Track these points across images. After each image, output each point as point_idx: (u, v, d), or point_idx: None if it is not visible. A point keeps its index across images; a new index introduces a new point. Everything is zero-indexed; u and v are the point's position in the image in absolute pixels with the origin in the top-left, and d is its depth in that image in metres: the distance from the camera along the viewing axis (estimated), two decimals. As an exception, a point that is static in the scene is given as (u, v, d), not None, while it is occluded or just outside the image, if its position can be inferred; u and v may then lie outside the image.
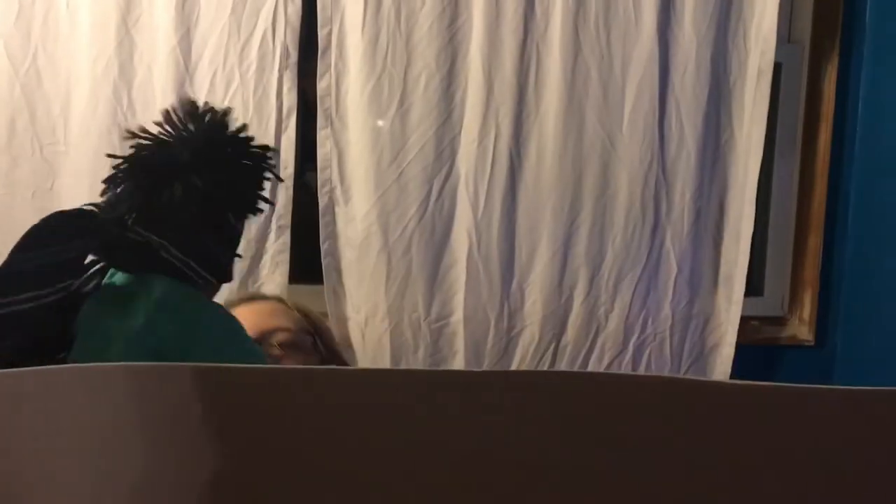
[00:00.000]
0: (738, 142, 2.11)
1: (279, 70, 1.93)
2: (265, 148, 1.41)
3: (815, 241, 2.28)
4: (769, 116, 2.10)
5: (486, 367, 2.07)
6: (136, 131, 1.37)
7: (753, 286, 2.26)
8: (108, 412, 0.47)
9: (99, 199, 1.91)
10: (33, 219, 1.90)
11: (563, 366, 2.09)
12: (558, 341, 2.09)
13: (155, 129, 1.37)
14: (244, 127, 1.40)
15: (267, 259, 1.98)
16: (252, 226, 1.95)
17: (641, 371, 2.10)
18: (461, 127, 2.00)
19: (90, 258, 1.34)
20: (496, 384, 0.50)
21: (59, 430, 0.47)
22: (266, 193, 1.93)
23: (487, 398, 0.47)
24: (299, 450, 0.46)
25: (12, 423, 0.48)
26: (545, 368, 2.06)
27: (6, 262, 1.25)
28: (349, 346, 2.05)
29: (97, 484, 0.47)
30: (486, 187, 2.01)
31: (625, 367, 2.12)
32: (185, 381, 0.48)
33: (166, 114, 1.37)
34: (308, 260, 2.06)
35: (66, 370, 0.48)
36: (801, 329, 2.31)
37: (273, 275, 1.98)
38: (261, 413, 0.47)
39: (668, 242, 2.10)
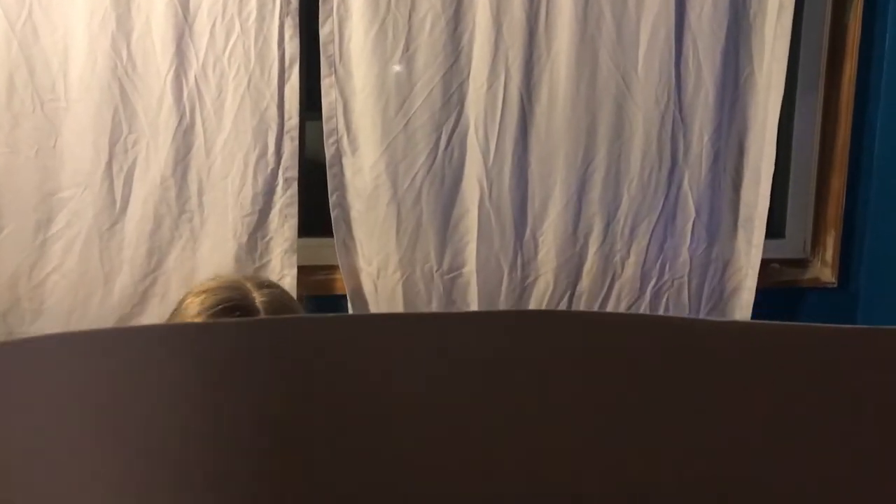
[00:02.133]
0: (759, 79, 2.04)
1: (280, 17, 1.87)
2: None
3: (838, 181, 2.21)
4: (791, 51, 2.02)
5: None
6: None
7: (775, 228, 2.21)
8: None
9: (100, 153, 1.88)
10: (37, 177, 1.89)
11: (578, 314, 2.05)
12: (573, 290, 2.06)
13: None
14: None
15: (275, 212, 1.95)
16: (259, 179, 1.92)
17: (659, 317, 2.06)
18: (469, 71, 1.94)
19: None
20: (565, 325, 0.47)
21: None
22: (274, 143, 1.91)
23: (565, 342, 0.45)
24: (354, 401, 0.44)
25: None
26: (561, 317, 2.03)
27: None
28: (362, 297, 2.03)
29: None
30: (496, 134, 1.95)
31: (642, 314, 2.08)
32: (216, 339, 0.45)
33: None
34: (317, 212, 2.03)
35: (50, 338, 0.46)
36: (824, 271, 2.26)
37: (282, 228, 1.96)
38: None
39: (685, 186, 2.04)
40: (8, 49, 1.82)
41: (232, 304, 1.31)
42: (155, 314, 1.94)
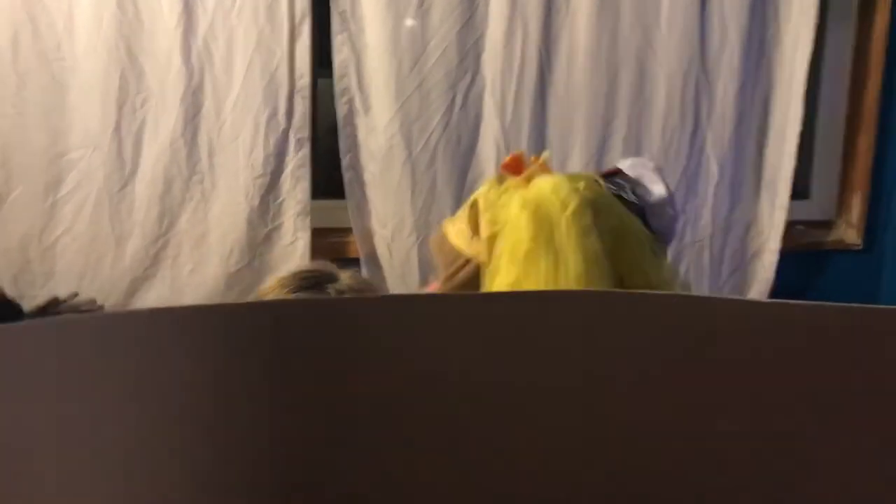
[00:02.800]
0: (785, 36, 1.96)
1: (290, -28, 1.81)
2: None
3: (865, 141, 2.14)
4: (819, 8, 1.94)
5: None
6: None
7: (799, 188, 2.15)
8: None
9: (108, 113, 1.84)
10: (46, 138, 1.86)
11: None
12: (592, 253, 2.02)
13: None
14: None
15: (287, 174, 1.91)
16: (270, 140, 1.88)
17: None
18: (486, 27, 1.87)
19: None
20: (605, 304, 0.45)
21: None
22: (285, 103, 1.85)
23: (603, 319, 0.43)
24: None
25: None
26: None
27: None
28: (376, 261, 1.99)
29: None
30: (513, 93, 1.90)
31: (661, 278, 2.04)
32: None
33: None
34: (330, 173, 1.99)
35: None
36: (849, 233, 2.20)
37: (294, 190, 1.92)
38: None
39: (708, 147, 1.99)
40: (11, 7, 1.77)
41: (315, 275, 1.29)
42: (167, 276, 1.92)
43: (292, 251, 1.94)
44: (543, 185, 1.24)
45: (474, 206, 1.30)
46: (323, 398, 0.43)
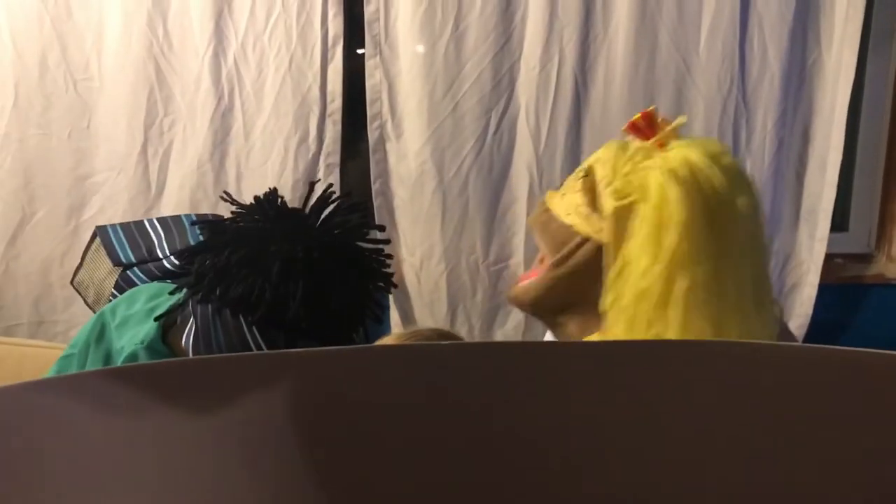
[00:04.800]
0: (827, 63, 1.92)
1: (323, -6, 1.78)
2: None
3: (907, 172, 2.09)
4: (863, 35, 1.90)
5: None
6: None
7: (837, 220, 2.09)
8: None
9: (135, 135, 1.81)
10: (71, 160, 1.82)
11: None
12: (626, 283, 1.96)
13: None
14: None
15: (315, 199, 1.87)
16: (300, 165, 1.84)
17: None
18: (521, 52, 1.83)
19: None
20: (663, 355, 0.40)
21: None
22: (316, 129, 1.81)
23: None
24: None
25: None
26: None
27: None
28: (404, 289, 1.94)
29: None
30: (548, 119, 1.85)
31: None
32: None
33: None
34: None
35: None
36: (890, 267, 2.14)
37: (322, 216, 1.87)
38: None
39: (748, 176, 1.93)
40: (40, 26, 1.75)
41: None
42: (190, 303, 1.87)
43: (319, 278, 1.89)
44: (695, 155, 0.98)
45: (589, 174, 1.05)
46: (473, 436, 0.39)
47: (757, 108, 1.91)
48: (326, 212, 1.08)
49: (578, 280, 1.03)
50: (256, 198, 1.08)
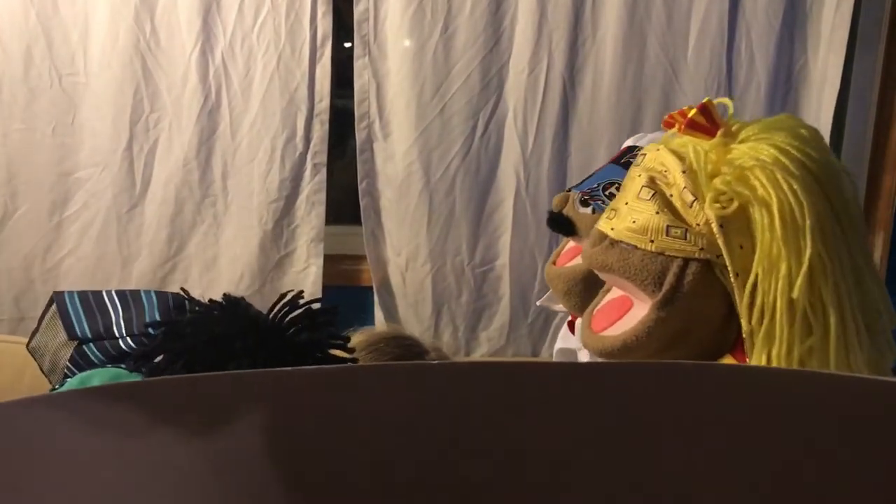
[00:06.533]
0: (814, 71, 1.93)
1: (312, -7, 1.77)
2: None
3: (890, 181, 2.11)
4: (849, 41, 1.91)
5: (531, 314, 1.96)
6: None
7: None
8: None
9: (120, 132, 1.79)
10: (54, 155, 1.80)
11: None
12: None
13: None
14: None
15: (302, 199, 1.86)
16: (287, 164, 1.83)
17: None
18: (510, 55, 1.83)
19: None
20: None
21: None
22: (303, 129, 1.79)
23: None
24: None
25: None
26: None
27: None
28: (389, 289, 1.94)
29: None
30: (535, 121, 1.85)
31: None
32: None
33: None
34: (345, 200, 1.94)
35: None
36: (871, 274, 2.16)
37: (309, 216, 1.87)
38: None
39: (733, 182, 1.94)
40: (25, 19, 1.73)
41: (408, 342, 1.21)
42: (173, 301, 1.86)
43: (304, 277, 1.88)
44: (781, 139, 0.86)
45: (656, 188, 0.88)
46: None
47: (743, 114, 1.92)
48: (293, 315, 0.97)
49: (690, 309, 0.88)
50: (220, 301, 1.00)
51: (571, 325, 1.25)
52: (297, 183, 1.84)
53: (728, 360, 0.89)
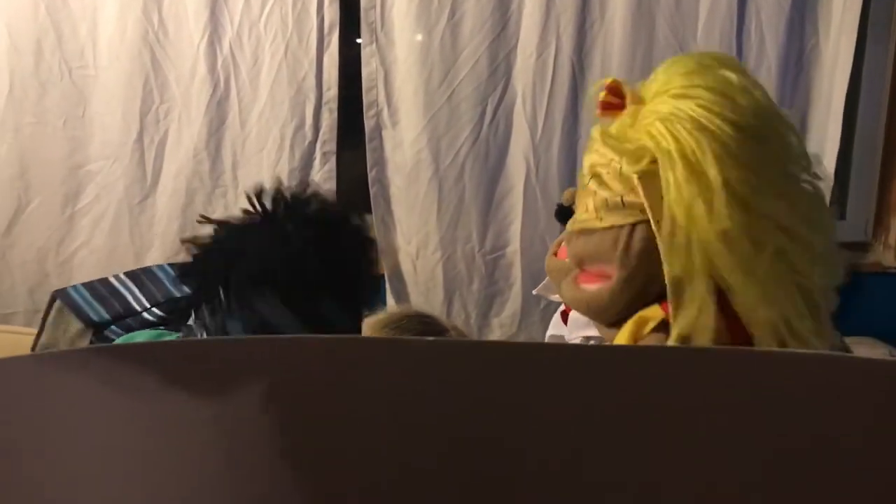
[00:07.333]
0: (825, 51, 1.91)
1: (319, -19, 1.78)
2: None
3: (904, 161, 2.09)
4: (860, 23, 1.89)
5: (543, 300, 1.95)
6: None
7: (835, 209, 2.09)
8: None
9: (130, 124, 1.80)
10: (66, 148, 1.82)
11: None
12: (623, 272, 1.96)
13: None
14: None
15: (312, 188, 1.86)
16: (296, 153, 1.84)
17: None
18: (517, 40, 1.83)
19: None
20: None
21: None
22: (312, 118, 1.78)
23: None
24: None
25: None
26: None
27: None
28: (400, 277, 1.94)
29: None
30: (544, 107, 1.85)
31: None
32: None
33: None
34: (355, 188, 1.94)
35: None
36: (887, 255, 2.14)
37: (318, 204, 1.87)
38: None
39: (744, 164, 1.93)
40: (35, 13, 1.74)
41: (427, 320, 1.21)
42: (186, 292, 1.87)
43: (315, 267, 1.89)
44: (675, 86, 0.89)
45: (595, 174, 0.94)
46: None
47: (754, 96, 1.90)
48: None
49: (646, 270, 0.90)
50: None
51: (565, 316, 1.24)
52: (306, 172, 1.85)
53: (654, 309, 0.90)
